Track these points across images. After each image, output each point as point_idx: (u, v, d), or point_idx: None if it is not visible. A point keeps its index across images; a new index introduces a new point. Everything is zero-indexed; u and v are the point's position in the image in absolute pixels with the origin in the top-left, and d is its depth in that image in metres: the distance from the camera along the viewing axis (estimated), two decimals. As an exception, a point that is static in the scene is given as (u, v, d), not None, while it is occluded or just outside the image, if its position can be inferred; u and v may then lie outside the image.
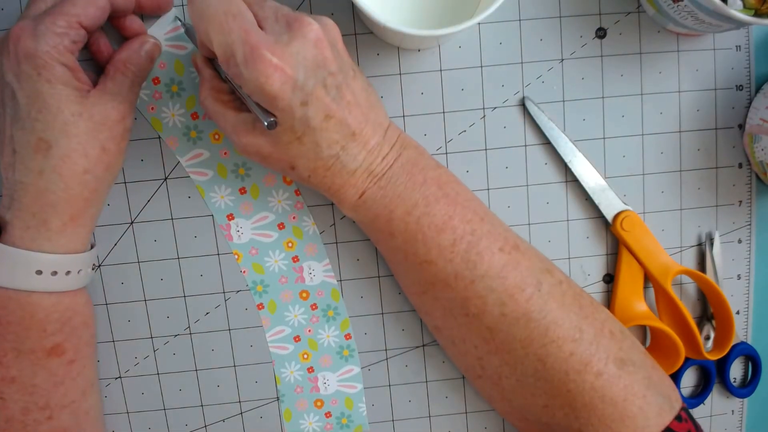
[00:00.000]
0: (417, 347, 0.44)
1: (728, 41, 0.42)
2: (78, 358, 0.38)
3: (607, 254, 0.44)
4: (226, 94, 0.36)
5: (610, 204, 0.42)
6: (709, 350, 0.44)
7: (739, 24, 0.35)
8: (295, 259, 0.43)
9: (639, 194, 0.43)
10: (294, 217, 0.42)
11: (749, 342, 0.45)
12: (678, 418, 0.36)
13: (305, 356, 0.44)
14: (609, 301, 0.44)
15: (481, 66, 0.41)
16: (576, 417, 0.36)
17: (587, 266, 0.44)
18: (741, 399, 0.46)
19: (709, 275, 0.43)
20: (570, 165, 0.42)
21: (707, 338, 0.44)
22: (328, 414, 0.45)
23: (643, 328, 0.45)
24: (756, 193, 0.44)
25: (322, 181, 0.36)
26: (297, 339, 0.44)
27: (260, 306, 0.43)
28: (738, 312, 0.45)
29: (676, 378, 0.44)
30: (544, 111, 0.42)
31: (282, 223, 0.42)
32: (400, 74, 0.41)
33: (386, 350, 0.44)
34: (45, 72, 0.33)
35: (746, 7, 0.35)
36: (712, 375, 0.44)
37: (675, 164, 0.43)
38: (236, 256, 0.43)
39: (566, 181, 0.43)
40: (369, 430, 0.45)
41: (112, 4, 0.36)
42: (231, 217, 0.42)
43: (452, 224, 0.36)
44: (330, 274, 0.43)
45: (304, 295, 0.43)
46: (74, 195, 0.35)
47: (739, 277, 0.45)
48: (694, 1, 0.35)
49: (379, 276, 0.43)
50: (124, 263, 0.42)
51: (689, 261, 0.44)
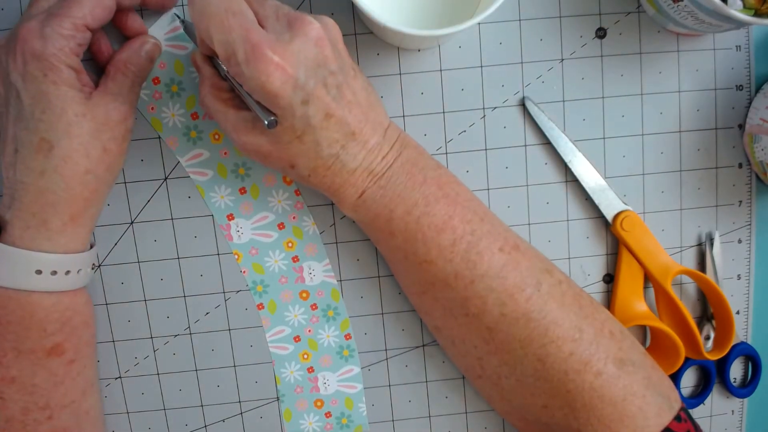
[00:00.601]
0: (417, 347, 0.44)
1: (728, 41, 0.42)
2: (78, 358, 0.38)
3: (607, 254, 0.44)
4: (226, 93, 0.36)
5: (610, 204, 0.42)
6: (709, 350, 0.44)
7: (739, 24, 0.35)
8: (295, 259, 0.43)
9: (639, 194, 0.43)
10: (294, 217, 0.42)
11: (749, 342, 0.45)
12: (677, 419, 0.36)
13: (305, 356, 0.44)
14: (609, 301, 0.44)
15: (481, 66, 0.41)
16: (575, 417, 0.36)
17: (587, 266, 0.44)
18: (741, 399, 0.46)
19: (709, 275, 0.43)
20: (570, 165, 0.42)
21: (707, 338, 0.44)
22: (328, 414, 0.45)
23: (643, 328, 0.45)
24: (756, 193, 0.44)
25: (322, 181, 0.36)
26: (297, 339, 0.44)
27: (260, 306, 0.43)
28: (738, 312, 0.45)
29: (676, 378, 0.44)
30: (544, 111, 0.42)
31: (282, 223, 0.42)
32: (400, 74, 0.41)
33: (386, 350, 0.44)
34: (51, 74, 0.33)
35: (746, 7, 0.35)
36: (712, 375, 0.44)
37: (675, 164, 0.43)
38: (236, 256, 0.43)
39: (566, 181, 0.43)
40: (369, 430, 0.45)
41: (119, 3, 0.36)
42: (231, 217, 0.42)
43: (452, 224, 0.36)
44: (330, 274, 0.43)
45: (304, 295, 0.43)
46: (75, 195, 0.35)
47: (739, 277, 0.45)
48: (694, 1, 0.35)
49: (379, 276, 0.43)
50: (124, 263, 0.42)
51: (689, 261, 0.44)
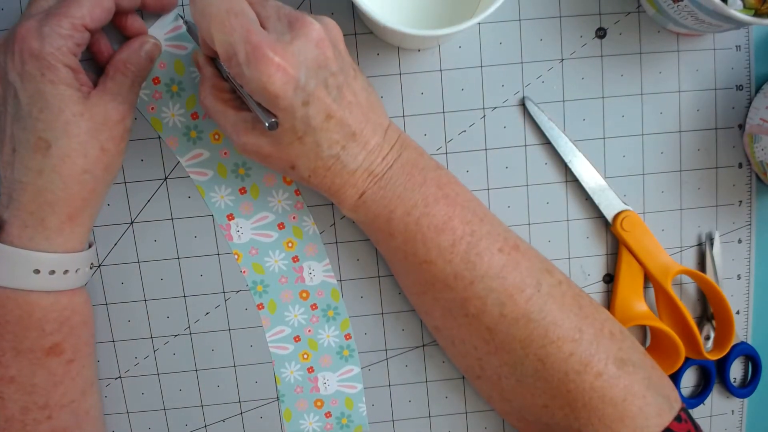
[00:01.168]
0: (417, 347, 0.44)
1: (728, 41, 0.42)
2: (77, 358, 0.38)
3: (607, 254, 0.44)
4: (227, 93, 0.36)
5: (610, 204, 0.42)
6: (709, 350, 0.44)
7: (739, 24, 0.35)
8: (295, 259, 0.43)
9: (639, 194, 0.43)
10: (294, 217, 0.42)
11: (749, 342, 0.45)
12: (677, 419, 0.36)
13: (305, 356, 0.44)
14: (609, 301, 0.44)
15: (481, 66, 0.41)
16: (576, 417, 0.36)
17: (587, 266, 0.44)
18: (741, 399, 0.46)
19: (709, 275, 0.43)
20: (570, 165, 0.42)
21: (707, 338, 0.44)
22: (328, 414, 0.45)
23: (644, 328, 0.45)
24: (756, 193, 0.44)
25: (323, 181, 0.36)
26: (297, 339, 0.44)
27: (260, 306, 0.43)
28: (738, 312, 0.45)
29: (676, 378, 0.44)
30: (544, 111, 0.42)
31: (282, 223, 0.42)
32: (400, 74, 0.41)
33: (386, 350, 0.44)
34: (49, 73, 0.33)
35: (746, 7, 0.35)
36: (712, 375, 0.44)
37: (675, 164, 0.43)
38: (236, 256, 0.43)
39: (566, 181, 0.43)
40: (369, 430, 0.45)
41: (117, 4, 0.36)
42: (231, 217, 0.42)
43: (452, 225, 0.36)
44: (330, 274, 0.43)
45: (304, 295, 0.43)
46: (72, 194, 0.35)
47: (739, 277, 0.45)
48: (694, 1, 0.35)
49: (379, 276, 0.43)
50: (124, 263, 0.42)
51: (689, 261, 0.44)
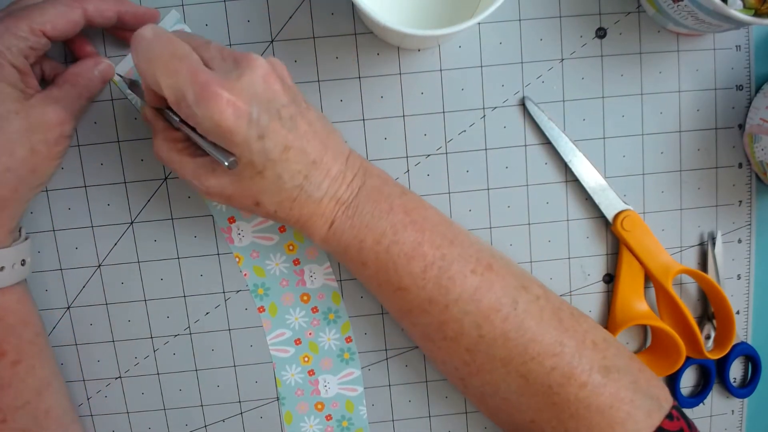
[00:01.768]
0: (417, 347, 0.44)
1: (728, 41, 0.42)
2: (23, 359, 0.37)
3: (608, 254, 0.44)
4: (181, 142, 0.36)
5: (611, 204, 0.42)
6: (710, 350, 0.44)
7: (739, 24, 0.35)
8: (296, 263, 0.43)
9: (639, 194, 0.43)
10: (294, 218, 0.42)
11: (749, 342, 0.45)
12: (669, 417, 0.36)
13: (306, 359, 0.44)
14: (609, 301, 0.44)
15: (481, 66, 0.41)
16: (565, 429, 0.36)
17: (587, 266, 0.44)
18: (741, 399, 0.46)
19: (711, 275, 0.43)
20: (570, 165, 0.42)
21: (708, 338, 0.44)
22: (329, 417, 0.45)
23: (644, 328, 0.45)
24: (756, 193, 0.44)
25: (290, 214, 0.35)
26: (298, 342, 0.44)
27: (261, 309, 0.43)
28: (738, 312, 0.45)
29: (676, 377, 0.44)
30: (544, 111, 0.42)
31: (283, 226, 0.42)
32: (400, 74, 0.41)
33: (386, 350, 0.44)
34: None
35: (746, 7, 0.35)
36: (712, 375, 0.44)
37: (675, 164, 0.43)
38: (237, 259, 0.43)
39: (566, 181, 0.43)
40: None
41: (89, 21, 0.36)
42: (232, 220, 0.42)
43: (422, 251, 0.36)
44: (331, 278, 0.43)
45: (305, 299, 0.43)
46: None
47: (740, 277, 0.45)
48: (694, 1, 0.35)
49: (380, 276, 0.43)
50: (124, 263, 0.42)
51: (689, 261, 0.44)
